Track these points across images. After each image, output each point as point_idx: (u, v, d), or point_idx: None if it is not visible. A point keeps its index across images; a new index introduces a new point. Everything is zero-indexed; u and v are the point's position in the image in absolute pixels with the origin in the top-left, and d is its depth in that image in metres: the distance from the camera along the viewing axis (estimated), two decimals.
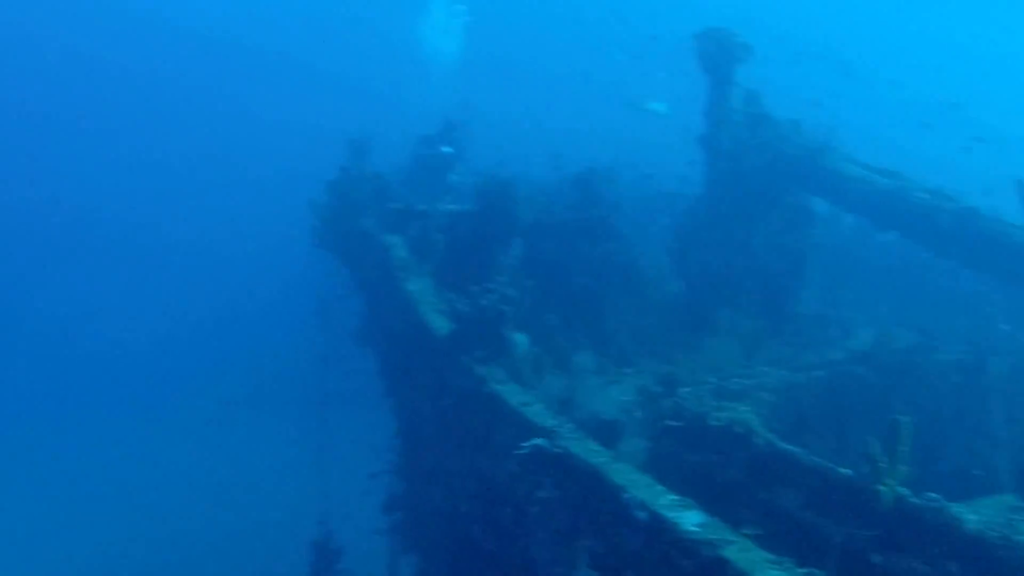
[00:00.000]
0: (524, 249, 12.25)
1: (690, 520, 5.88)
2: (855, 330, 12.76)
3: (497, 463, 8.28)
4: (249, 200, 39.56)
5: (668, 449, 8.31)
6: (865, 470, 6.77)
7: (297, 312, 16.58)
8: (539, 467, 7.45)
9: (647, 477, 6.63)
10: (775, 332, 12.25)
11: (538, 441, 7.40)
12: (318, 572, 14.59)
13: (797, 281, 13.29)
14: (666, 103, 18.43)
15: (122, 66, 47.09)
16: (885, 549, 6.67)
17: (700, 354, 11.26)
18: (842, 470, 7.14)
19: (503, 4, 41.06)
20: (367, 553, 14.78)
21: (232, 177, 42.62)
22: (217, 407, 27.72)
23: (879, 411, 9.66)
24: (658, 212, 15.82)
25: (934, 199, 11.83)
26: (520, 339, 9.24)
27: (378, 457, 13.12)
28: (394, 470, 12.52)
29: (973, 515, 6.47)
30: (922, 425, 6.99)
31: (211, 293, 36.22)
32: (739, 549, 5.51)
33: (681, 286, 13.38)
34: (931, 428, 9.01)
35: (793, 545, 5.88)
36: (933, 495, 6.62)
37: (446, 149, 15.38)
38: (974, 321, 13.07)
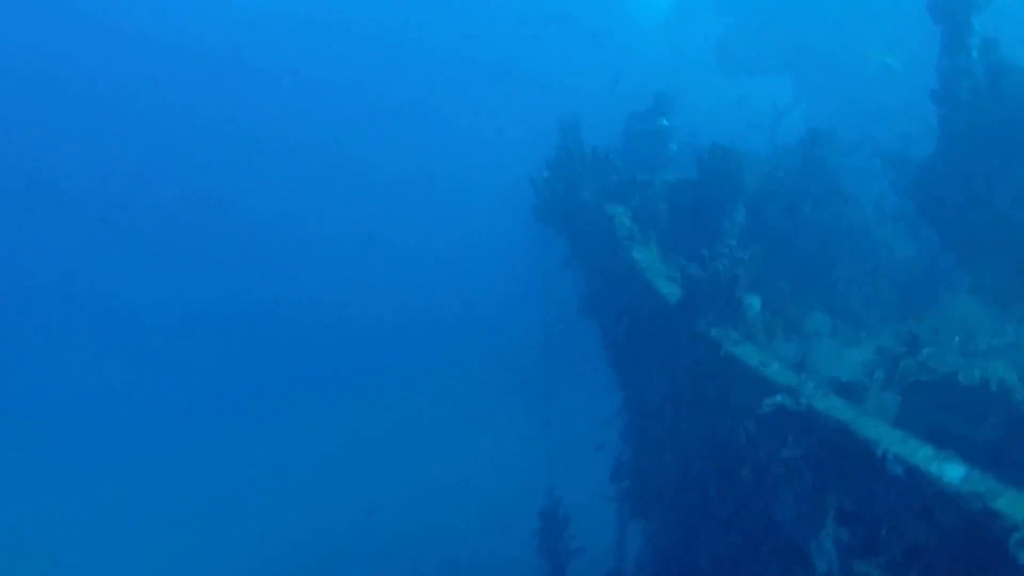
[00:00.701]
0: (748, 216, 12.12)
1: (953, 473, 5.70)
2: None
3: (735, 424, 8.29)
4: (474, 184, 41.13)
5: (915, 408, 8.05)
6: None
7: (521, 287, 17.08)
8: (782, 425, 7.42)
9: (899, 432, 6.48)
10: (1023, 294, 11.53)
11: (780, 398, 7.37)
12: (547, 541, 15.04)
13: None
14: (898, 58, 17.62)
15: (361, 83, 49.55)
16: None
17: (940, 316, 10.78)
18: None
19: None
20: (595, 521, 15.10)
21: (456, 165, 44.33)
22: (446, 383, 28.92)
23: None
24: (880, 173, 15.22)
25: None
26: (753, 301, 9.18)
27: (603, 427, 13.35)
28: (621, 438, 12.73)
29: None
30: None
31: (440, 273, 38.02)
32: (1011, 501, 5.31)
33: (912, 247, 12.85)
34: None
35: None
36: None
37: (664, 122, 15.42)
38: None
